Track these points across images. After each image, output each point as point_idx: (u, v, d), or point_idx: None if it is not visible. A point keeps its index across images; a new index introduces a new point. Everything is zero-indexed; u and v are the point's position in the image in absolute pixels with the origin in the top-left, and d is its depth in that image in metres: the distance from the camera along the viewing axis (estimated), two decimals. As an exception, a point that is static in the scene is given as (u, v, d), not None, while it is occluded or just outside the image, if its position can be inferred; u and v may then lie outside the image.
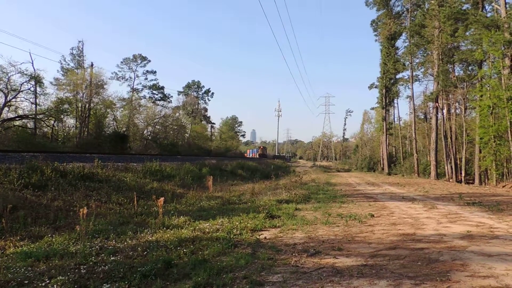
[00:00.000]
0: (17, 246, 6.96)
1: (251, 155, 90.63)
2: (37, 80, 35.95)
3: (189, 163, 25.46)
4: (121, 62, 66.81)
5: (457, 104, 43.97)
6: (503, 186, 27.85)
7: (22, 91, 35.13)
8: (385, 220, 10.36)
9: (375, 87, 61.60)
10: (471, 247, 6.89)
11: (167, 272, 5.44)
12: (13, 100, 34.76)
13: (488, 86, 31.65)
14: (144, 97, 67.72)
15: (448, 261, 5.96)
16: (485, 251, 6.61)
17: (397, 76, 55.02)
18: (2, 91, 33.37)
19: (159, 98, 71.05)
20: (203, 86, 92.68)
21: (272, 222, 9.73)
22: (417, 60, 48.16)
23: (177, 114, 65.78)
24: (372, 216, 11.08)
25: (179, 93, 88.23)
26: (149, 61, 68.01)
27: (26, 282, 4.95)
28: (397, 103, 70.07)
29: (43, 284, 4.89)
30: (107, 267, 5.50)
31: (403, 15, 54.22)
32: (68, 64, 47.23)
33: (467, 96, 38.77)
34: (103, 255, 6.22)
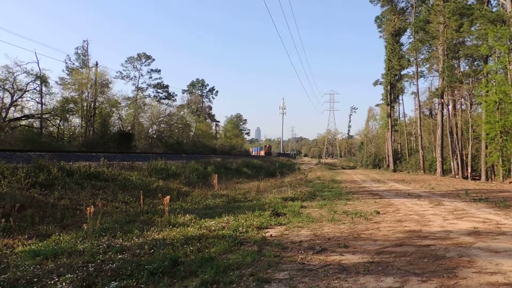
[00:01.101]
0: (25, 244, 7.03)
1: (253, 153, 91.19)
2: (42, 79, 36.15)
3: (194, 162, 25.53)
4: (126, 61, 67.03)
5: (462, 99, 43.75)
6: (510, 182, 27.67)
7: (28, 90, 35.38)
8: (391, 217, 10.34)
9: (380, 84, 61.26)
10: (478, 244, 6.86)
11: (174, 270, 5.47)
12: (19, 99, 35.03)
13: (494, 81, 31.42)
14: (149, 95, 67.99)
15: (454, 257, 5.94)
16: (492, 247, 6.59)
17: (402, 73, 54.74)
18: (8, 91, 33.61)
19: (164, 97, 71.25)
20: (208, 84, 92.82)
21: (278, 220, 9.75)
22: (422, 56, 47.87)
23: (182, 112, 65.85)
24: (378, 213, 11.06)
25: (184, 91, 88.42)
26: (154, 59, 68.21)
27: (35, 280, 5.00)
28: (402, 100, 69.72)
29: (52, 282, 4.94)
30: (114, 265, 5.54)
31: (408, 11, 53.91)
32: (73, 64, 47.43)
33: (473, 91, 38.54)
34: (110, 253, 6.27)
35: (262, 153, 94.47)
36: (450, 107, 42.66)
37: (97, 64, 44.83)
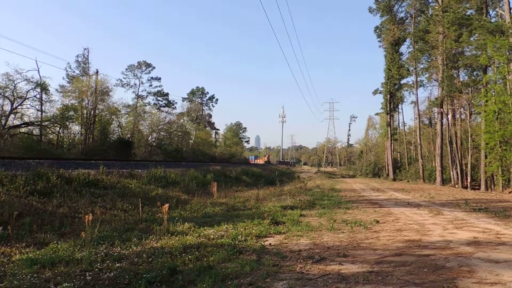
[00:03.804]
0: (23, 253, 6.97)
1: (248, 161, 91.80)
2: (43, 87, 36.24)
3: (193, 170, 25.48)
4: (126, 69, 67.44)
5: (462, 109, 43.92)
6: (510, 192, 27.65)
7: (28, 98, 35.47)
8: (390, 226, 10.31)
9: (380, 93, 61.42)
10: (478, 254, 6.84)
11: (172, 279, 5.43)
12: (19, 107, 35.08)
13: (493, 91, 31.56)
14: (149, 103, 68.14)
15: (454, 267, 5.91)
16: (492, 257, 6.56)
17: (402, 82, 54.96)
18: (8, 98, 33.68)
19: (164, 105, 71.50)
20: (208, 92, 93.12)
21: (277, 229, 9.71)
22: (422, 66, 48.09)
23: (182, 120, 65.94)
24: (377, 222, 11.03)
25: (184, 99, 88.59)
26: (154, 67, 68.59)
27: (32, 288, 4.96)
28: (402, 109, 69.69)
29: (49, 290, 4.89)
30: (112, 274, 5.49)
31: (407, 21, 54.31)
32: (74, 71, 47.55)
33: (472, 101, 38.66)
34: (108, 261, 6.22)
35: (258, 161, 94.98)
36: (450, 116, 42.78)
37: (97, 72, 45.00)
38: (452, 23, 36.02)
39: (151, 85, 69.31)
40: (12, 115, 34.38)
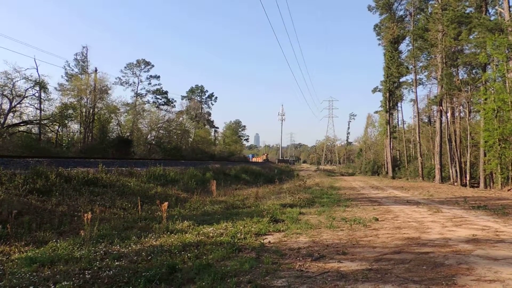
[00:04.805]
0: (22, 251, 6.98)
1: (248, 159, 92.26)
2: (41, 85, 36.16)
3: (192, 168, 25.48)
4: (125, 67, 67.16)
5: (461, 107, 43.93)
6: (509, 190, 27.65)
7: (26, 96, 35.39)
8: (389, 224, 10.31)
9: (379, 91, 61.49)
10: (477, 251, 6.84)
11: (171, 277, 5.44)
12: (18, 105, 35.01)
13: (493, 89, 31.58)
14: (148, 101, 67.98)
15: (453, 265, 5.92)
16: (491, 255, 6.57)
17: (401, 80, 54.95)
18: (7, 97, 33.62)
19: (163, 103, 71.27)
20: (207, 91, 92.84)
21: (276, 226, 9.72)
22: (421, 64, 48.09)
23: (181, 118, 65.76)
24: (377, 220, 11.03)
25: (183, 97, 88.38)
26: (153, 66, 68.32)
27: (31, 287, 4.96)
28: (401, 107, 69.65)
29: (48, 289, 4.89)
30: (111, 272, 5.49)
31: (406, 19, 54.24)
32: (72, 70, 47.32)
33: (471, 99, 38.69)
34: (107, 260, 6.22)
35: (256, 159, 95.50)
36: (449, 114, 42.82)
37: (96, 70, 44.95)
38: (452, 21, 36.01)
39: (150, 83, 69.18)
40: (11, 114, 34.33)
